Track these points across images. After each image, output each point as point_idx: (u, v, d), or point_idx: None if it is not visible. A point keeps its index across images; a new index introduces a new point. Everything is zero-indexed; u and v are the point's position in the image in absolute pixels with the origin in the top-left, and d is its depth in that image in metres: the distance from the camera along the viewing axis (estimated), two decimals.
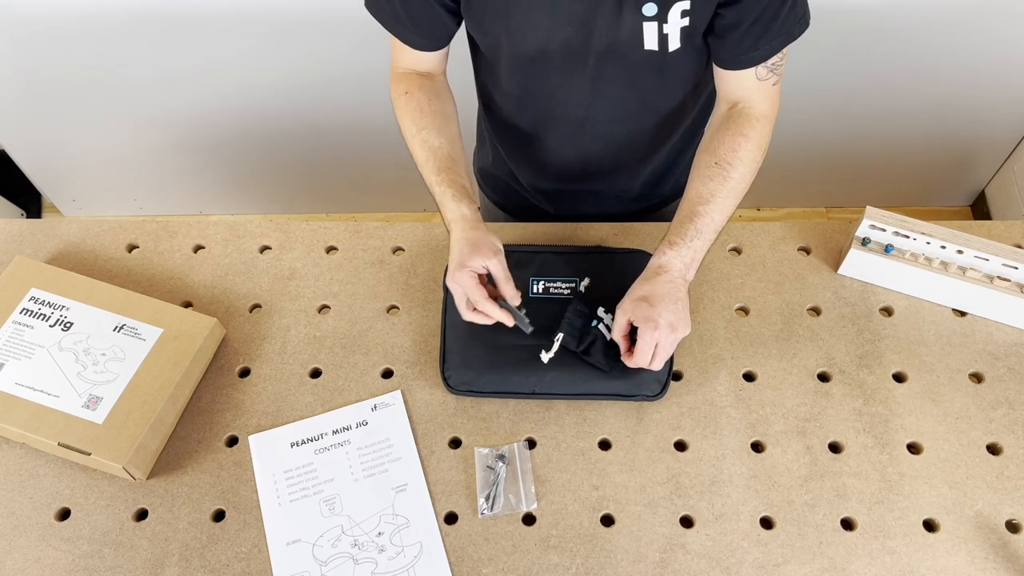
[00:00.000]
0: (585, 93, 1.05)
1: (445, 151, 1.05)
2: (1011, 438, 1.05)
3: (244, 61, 1.83)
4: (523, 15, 0.95)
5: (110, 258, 1.21)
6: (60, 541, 0.99)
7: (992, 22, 1.73)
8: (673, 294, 0.98)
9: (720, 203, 0.99)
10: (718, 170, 1.00)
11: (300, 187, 2.26)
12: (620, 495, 1.02)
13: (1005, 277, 1.10)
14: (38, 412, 1.01)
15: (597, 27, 0.94)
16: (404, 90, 1.07)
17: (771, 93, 1.01)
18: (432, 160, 1.04)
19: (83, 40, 1.76)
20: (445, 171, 1.03)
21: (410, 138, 1.06)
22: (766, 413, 1.07)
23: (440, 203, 1.04)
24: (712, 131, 1.04)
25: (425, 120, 1.05)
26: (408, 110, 1.06)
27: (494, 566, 0.97)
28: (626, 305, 0.99)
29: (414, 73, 1.09)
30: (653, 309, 0.96)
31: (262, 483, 1.03)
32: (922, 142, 2.07)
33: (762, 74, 0.99)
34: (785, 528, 0.99)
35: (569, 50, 0.98)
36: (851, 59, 1.81)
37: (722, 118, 1.03)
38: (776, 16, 0.93)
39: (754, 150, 1.01)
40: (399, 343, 1.13)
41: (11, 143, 2.11)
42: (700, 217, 0.99)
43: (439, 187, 1.03)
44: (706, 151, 1.02)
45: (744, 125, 1.00)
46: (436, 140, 1.05)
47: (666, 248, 0.99)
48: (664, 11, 0.92)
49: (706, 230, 0.99)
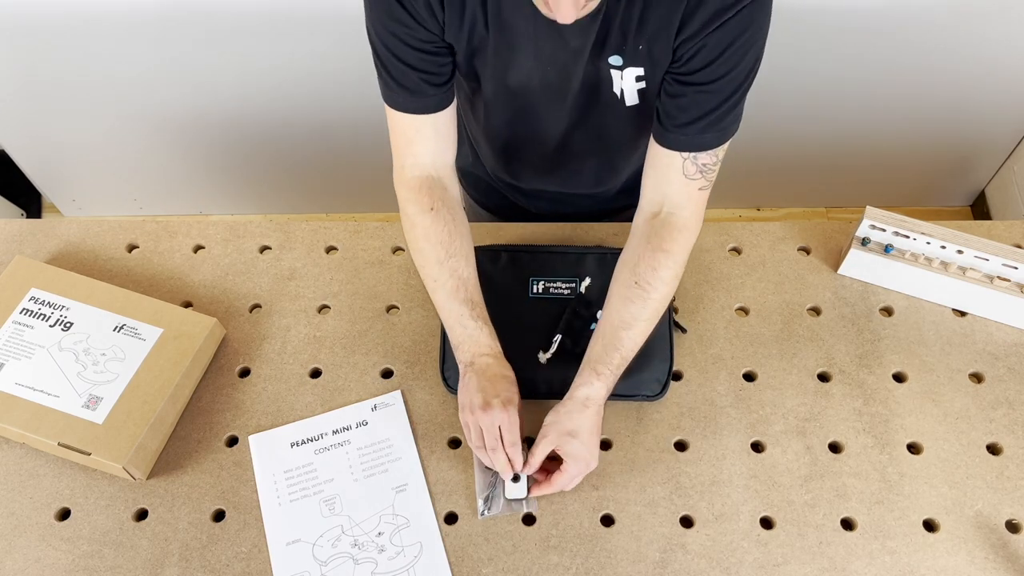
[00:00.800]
0: (562, 124, 1.04)
1: (473, 283, 1.01)
2: (1011, 438, 1.05)
3: (244, 61, 1.83)
4: (508, 55, 0.94)
5: (110, 258, 1.21)
6: (60, 541, 0.99)
7: (992, 22, 1.73)
8: (597, 427, 0.97)
9: (642, 327, 0.98)
10: (639, 290, 0.97)
11: (300, 187, 2.26)
12: (620, 495, 1.02)
13: (1005, 277, 1.10)
14: (38, 412, 1.01)
15: (575, 71, 0.94)
16: (429, 206, 1.00)
17: (697, 199, 0.97)
18: (463, 291, 1.00)
19: (83, 40, 1.76)
20: (478, 305, 1.01)
21: (436, 262, 1.00)
22: (766, 413, 1.07)
23: (471, 336, 0.99)
24: (633, 243, 1.01)
25: (455, 246, 1.00)
26: (436, 230, 1.00)
27: (494, 566, 0.97)
28: (551, 437, 0.95)
29: (429, 180, 1.01)
30: (583, 447, 0.95)
31: (262, 483, 1.03)
32: (922, 142, 2.07)
33: (689, 170, 0.94)
34: (785, 528, 0.99)
35: (549, 88, 0.98)
36: (851, 59, 1.81)
37: (642, 229, 1.00)
38: (719, 106, 0.89)
39: (675, 267, 0.98)
40: (399, 343, 1.13)
41: (11, 143, 2.11)
42: (624, 344, 0.97)
43: (473, 321, 0.99)
44: (626, 266, 1.00)
45: (666, 239, 0.97)
46: (466, 270, 1.01)
47: (592, 379, 0.96)
48: (623, 66, 0.92)
49: (628, 357, 0.98)
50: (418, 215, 1.01)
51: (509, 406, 0.95)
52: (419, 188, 1.01)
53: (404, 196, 1.02)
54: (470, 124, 1.20)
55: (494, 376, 0.98)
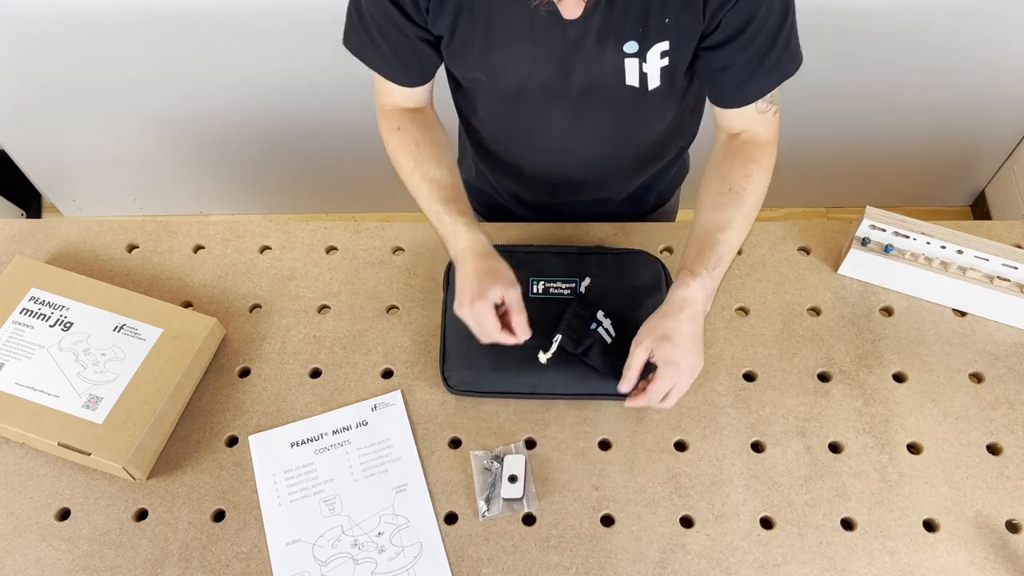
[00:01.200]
0: (565, 127, 1.04)
1: (448, 181, 1.03)
2: (1011, 438, 1.05)
3: (244, 61, 1.83)
4: (502, 53, 0.94)
5: (110, 258, 1.21)
6: (60, 541, 0.99)
7: (992, 23, 1.73)
8: (695, 332, 0.94)
9: (737, 229, 0.97)
10: (733, 196, 0.98)
11: (300, 187, 2.26)
12: (620, 495, 1.02)
13: (1005, 277, 1.10)
14: (38, 412, 1.01)
15: (577, 65, 0.94)
16: (396, 126, 1.05)
17: (772, 122, 1.00)
18: (436, 191, 1.02)
19: (82, 40, 1.76)
20: (452, 201, 1.02)
21: (408, 173, 1.05)
22: (766, 413, 1.07)
23: (450, 232, 1.01)
24: (719, 159, 1.02)
25: (423, 153, 1.04)
26: (403, 145, 1.05)
27: (494, 566, 0.97)
28: (645, 341, 0.94)
29: (403, 109, 1.07)
30: (676, 351, 0.92)
31: (262, 483, 1.03)
32: (922, 142, 2.07)
33: (761, 107, 0.98)
34: (785, 528, 0.99)
35: (549, 88, 0.97)
36: (851, 59, 1.81)
37: (726, 146, 1.02)
38: (767, 55, 0.92)
39: (765, 174, 1.00)
40: (399, 343, 1.13)
41: (11, 143, 2.11)
42: (720, 245, 0.96)
43: (448, 216, 1.01)
44: (717, 178, 1.00)
45: (753, 151, 1.00)
46: (437, 172, 1.03)
47: (689, 279, 0.94)
48: (644, 50, 0.91)
49: (725, 258, 0.97)
50: (389, 135, 1.07)
51: (479, 300, 0.95)
52: (388, 115, 1.07)
53: (380, 121, 1.09)
54: (471, 136, 1.20)
55: (469, 271, 0.98)
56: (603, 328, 1.06)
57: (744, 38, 0.89)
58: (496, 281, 0.96)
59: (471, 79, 1.02)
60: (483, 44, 0.93)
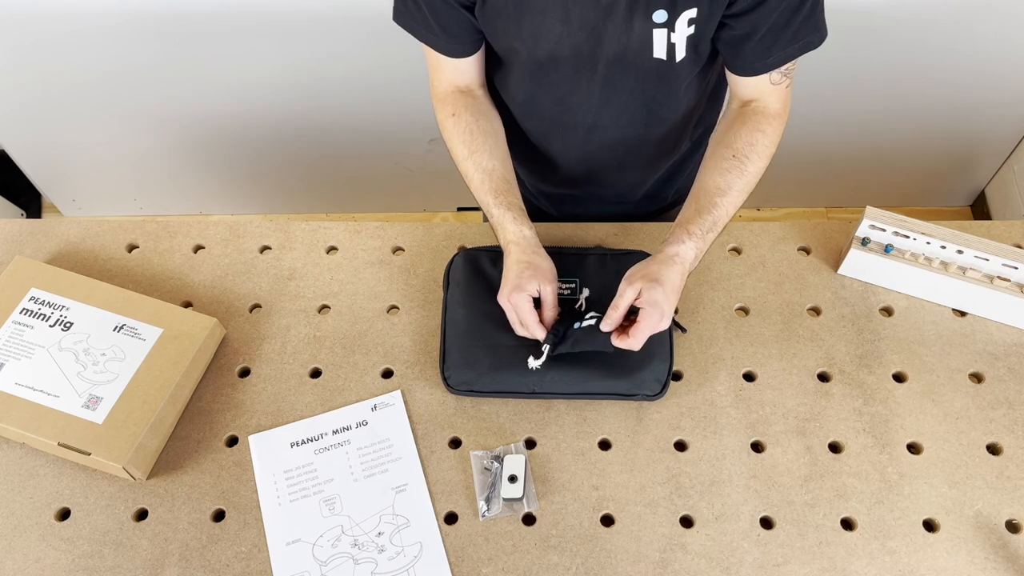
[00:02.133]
0: (594, 100, 1.05)
1: (499, 173, 1.05)
2: (1011, 438, 1.05)
3: (244, 61, 1.83)
4: (536, 20, 0.95)
5: (110, 258, 1.21)
6: (60, 541, 0.99)
7: (992, 22, 1.73)
8: (679, 284, 0.98)
9: (735, 196, 1.01)
10: (735, 162, 1.00)
11: (300, 187, 2.26)
12: (620, 495, 1.02)
13: (1005, 277, 1.10)
14: (38, 412, 1.01)
15: (608, 34, 0.94)
16: (451, 112, 1.07)
17: (785, 95, 1.03)
18: (488, 182, 1.05)
19: (83, 40, 1.76)
20: (503, 193, 1.05)
21: (462, 160, 1.07)
22: (766, 413, 1.07)
23: (499, 224, 1.04)
24: (727, 124, 1.04)
25: (477, 142, 1.06)
26: (458, 132, 1.06)
27: (494, 566, 0.97)
28: (636, 281, 0.97)
29: (456, 92, 1.08)
30: (664, 296, 0.96)
31: (262, 483, 1.03)
32: (922, 142, 2.07)
33: (776, 79, 1.00)
34: (785, 528, 0.99)
35: (579, 56, 0.98)
36: (851, 59, 1.81)
37: (736, 113, 1.04)
38: (788, 24, 0.93)
39: (770, 146, 1.02)
40: (399, 343, 1.13)
41: (11, 143, 2.11)
42: (717, 208, 1.00)
43: (497, 208, 1.04)
44: (722, 143, 1.03)
45: (761, 121, 1.02)
46: (489, 162, 1.05)
47: (684, 236, 0.99)
48: (672, 19, 0.92)
49: (719, 223, 1.00)
50: (444, 120, 1.08)
51: (516, 292, 0.99)
52: (444, 99, 1.09)
53: (436, 107, 1.10)
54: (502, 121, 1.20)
55: (512, 263, 1.02)
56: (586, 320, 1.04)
57: (769, 5, 0.91)
58: (535, 275, 1.00)
59: (506, 49, 1.03)
60: (516, 10, 0.94)
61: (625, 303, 0.98)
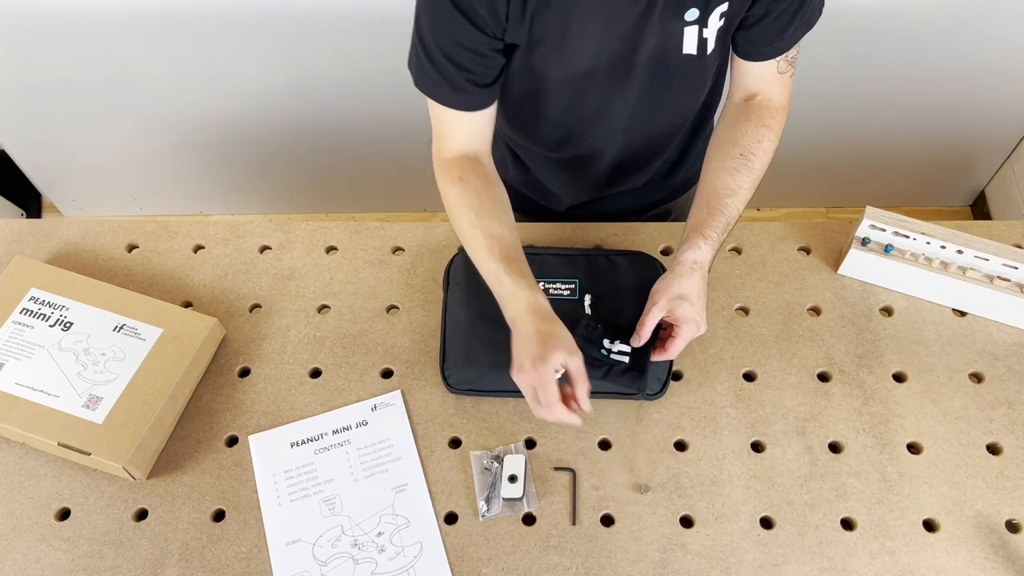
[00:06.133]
0: (627, 104, 1.04)
1: (508, 240, 1.00)
2: (1011, 438, 1.05)
3: (244, 61, 1.83)
4: (575, 41, 0.94)
5: (110, 258, 1.21)
6: (60, 541, 0.99)
7: (992, 22, 1.73)
8: (703, 289, 1.00)
9: (744, 195, 1.01)
10: (743, 161, 1.00)
11: (300, 187, 2.26)
12: (620, 495, 1.02)
13: (1005, 277, 1.10)
14: (38, 412, 1.01)
15: (643, 38, 0.94)
16: (458, 176, 1.01)
17: (788, 85, 1.03)
18: (497, 248, 0.99)
19: (83, 40, 1.76)
20: (514, 261, 0.99)
21: (468, 225, 1.00)
22: (766, 413, 1.07)
23: (508, 293, 0.97)
24: (731, 121, 1.04)
25: (485, 208, 1.00)
26: (465, 197, 1.01)
27: (494, 566, 0.97)
28: (661, 301, 0.99)
29: (464, 157, 1.03)
30: (694, 309, 0.98)
31: (262, 483, 1.03)
32: (922, 142, 2.07)
33: (782, 67, 1.00)
34: (785, 528, 0.99)
35: (615, 64, 0.97)
36: (851, 59, 1.81)
37: (740, 108, 1.04)
38: (802, 6, 0.94)
39: (775, 140, 1.02)
40: (399, 343, 1.13)
41: (11, 143, 2.11)
42: (728, 209, 1.00)
43: (508, 276, 0.97)
44: (728, 141, 1.02)
45: (765, 116, 1.02)
46: (498, 228, 1.00)
47: (699, 242, 0.99)
48: (705, 15, 0.92)
49: (731, 224, 1.01)
50: (448, 186, 1.02)
51: (541, 365, 0.91)
52: (450, 163, 1.03)
53: (437, 171, 1.04)
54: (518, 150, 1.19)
55: (531, 334, 0.94)
56: (615, 354, 1.04)
57: None
58: (559, 347, 0.93)
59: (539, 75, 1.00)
60: (557, 38, 0.93)
61: (651, 323, 1.00)
